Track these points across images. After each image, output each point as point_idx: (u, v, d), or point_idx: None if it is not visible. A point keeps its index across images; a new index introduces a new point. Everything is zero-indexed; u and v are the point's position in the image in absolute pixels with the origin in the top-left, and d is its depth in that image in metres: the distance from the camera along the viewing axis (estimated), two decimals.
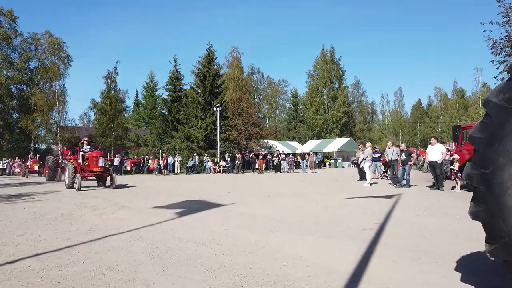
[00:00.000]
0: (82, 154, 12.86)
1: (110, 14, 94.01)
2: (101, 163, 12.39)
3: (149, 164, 26.76)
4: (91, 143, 15.09)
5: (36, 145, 38.72)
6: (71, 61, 40.45)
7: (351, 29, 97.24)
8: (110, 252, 3.94)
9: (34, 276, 3.14)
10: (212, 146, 28.79)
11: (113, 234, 4.87)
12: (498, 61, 15.19)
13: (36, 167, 25.58)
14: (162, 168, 25.05)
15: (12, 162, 30.32)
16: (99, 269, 3.33)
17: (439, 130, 55.48)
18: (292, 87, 73.60)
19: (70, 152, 15.47)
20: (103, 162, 12.66)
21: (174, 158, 26.33)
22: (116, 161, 25.09)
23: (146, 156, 28.32)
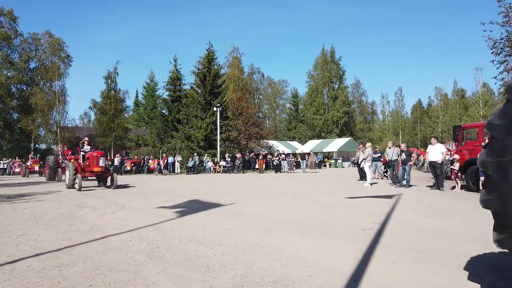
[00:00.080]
0: (82, 154, 12.85)
1: (110, 14, 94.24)
2: (101, 163, 12.39)
3: (149, 164, 26.75)
4: (92, 143, 15.09)
5: (36, 145, 38.74)
6: (71, 61, 40.61)
7: (351, 29, 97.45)
8: (110, 252, 3.94)
9: (34, 276, 3.14)
10: (212, 146, 28.79)
11: (113, 234, 4.87)
12: (498, 61, 15.22)
13: (36, 167, 25.62)
14: (162, 168, 25.06)
15: (12, 162, 30.35)
16: (99, 269, 3.33)
17: (439, 130, 55.40)
18: (292, 87, 73.76)
19: (70, 152, 15.45)
20: (104, 162, 12.66)
21: (174, 158, 26.34)
22: (116, 161, 25.08)
23: (146, 156, 28.32)
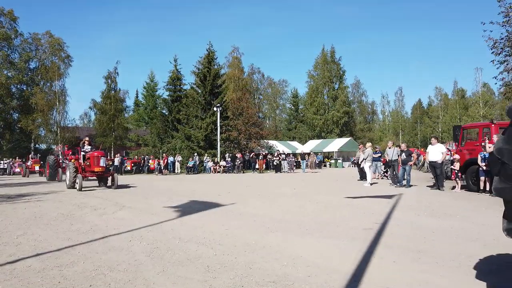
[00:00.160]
0: (83, 154, 12.83)
1: (110, 14, 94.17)
2: (102, 163, 12.36)
3: (149, 164, 26.77)
4: (92, 143, 15.07)
5: (36, 145, 38.73)
6: (72, 61, 40.55)
7: (351, 29, 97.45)
8: (111, 252, 3.94)
9: (34, 276, 3.14)
10: (212, 146, 28.80)
11: (113, 234, 4.87)
12: (498, 61, 15.23)
13: (36, 167, 25.60)
14: (162, 168, 25.07)
15: (12, 162, 30.35)
16: (100, 269, 3.33)
17: (440, 130, 55.36)
18: (292, 87, 73.69)
19: (71, 152, 15.45)
20: (104, 162, 12.63)
21: (175, 158, 26.35)
22: (116, 161, 25.08)
23: (146, 156, 28.34)
